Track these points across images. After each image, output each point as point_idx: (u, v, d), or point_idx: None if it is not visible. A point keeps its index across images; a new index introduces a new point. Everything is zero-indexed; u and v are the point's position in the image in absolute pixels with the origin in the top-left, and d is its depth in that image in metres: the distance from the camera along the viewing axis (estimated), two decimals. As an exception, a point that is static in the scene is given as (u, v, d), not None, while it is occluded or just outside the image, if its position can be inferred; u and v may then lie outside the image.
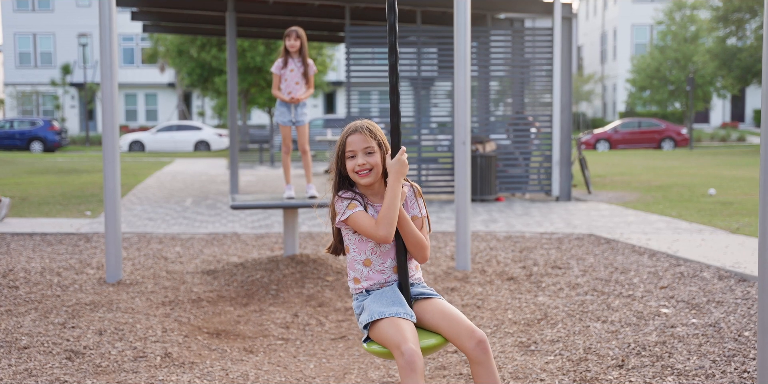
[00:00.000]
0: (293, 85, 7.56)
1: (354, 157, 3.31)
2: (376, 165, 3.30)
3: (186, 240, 9.17)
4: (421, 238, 3.33)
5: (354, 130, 3.33)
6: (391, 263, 3.35)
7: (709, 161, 24.70)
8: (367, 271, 3.35)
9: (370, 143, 3.30)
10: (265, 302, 6.20)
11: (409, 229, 3.31)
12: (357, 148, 3.29)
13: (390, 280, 3.35)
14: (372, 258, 3.34)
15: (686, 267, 7.26)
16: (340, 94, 50.61)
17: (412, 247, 3.32)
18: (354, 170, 3.31)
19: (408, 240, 3.31)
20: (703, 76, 40.13)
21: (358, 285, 3.38)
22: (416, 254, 3.35)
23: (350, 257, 3.39)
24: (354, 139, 3.31)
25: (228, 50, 14.30)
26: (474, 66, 14.27)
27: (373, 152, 3.30)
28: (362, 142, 3.30)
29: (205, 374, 4.45)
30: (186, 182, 18.44)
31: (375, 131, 3.33)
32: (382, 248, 3.34)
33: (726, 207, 12.15)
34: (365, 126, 3.34)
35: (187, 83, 35.81)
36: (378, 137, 3.33)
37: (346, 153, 3.32)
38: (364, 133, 3.31)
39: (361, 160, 3.28)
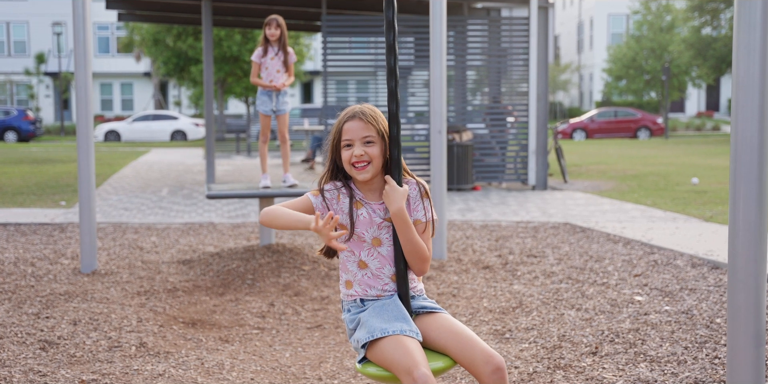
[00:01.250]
0: (274, 73, 7.54)
1: (350, 146, 2.91)
2: (376, 157, 2.90)
3: (162, 230, 9.14)
4: (422, 247, 2.90)
5: (352, 115, 2.93)
6: (390, 270, 2.95)
7: (684, 150, 24.88)
8: (361, 275, 2.96)
9: (370, 132, 2.91)
10: (241, 292, 6.20)
11: (409, 236, 2.88)
12: (354, 136, 2.90)
13: (387, 290, 2.95)
14: (368, 260, 2.95)
15: (660, 255, 7.32)
16: (317, 84, 50.48)
17: (411, 256, 2.91)
18: (350, 162, 2.91)
19: (406, 248, 2.90)
20: (679, 66, 40.37)
21: (351, 290, 2.98)
22: (414, 265, 2.93)
23: (343, 257, 3.00)
24: (351, 127, 2.91)
25: (204, 39, 14.22)
26: (451, 55, 14.28)
27: (373, 142, 2.90)
28: (361, 130, 2.91)
29: (181, 364, 4.45)
30: (162, 172, 18.35)
31: (376, 118, 2.94)
32: (381, 251, 2.95)
33: (700, 195, 12.25)
34: (365, 111, 2.94)
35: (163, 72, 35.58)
36: (379, 125, 2.93)
37: (342, 141, 2.93)
38: (364, 120, 2.91)
39: (359, 151, 2.89)
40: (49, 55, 49.96)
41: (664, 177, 15.60)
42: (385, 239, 2.95)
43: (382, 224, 2.95)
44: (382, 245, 2.95)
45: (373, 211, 2.95)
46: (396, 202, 2.86)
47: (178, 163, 21.43)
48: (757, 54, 2.86)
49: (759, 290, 2.92)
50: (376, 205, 2.96)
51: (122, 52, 50.21)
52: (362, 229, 2.95)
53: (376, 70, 14.83)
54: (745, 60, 2.88)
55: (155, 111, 40.71)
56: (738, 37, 2.88)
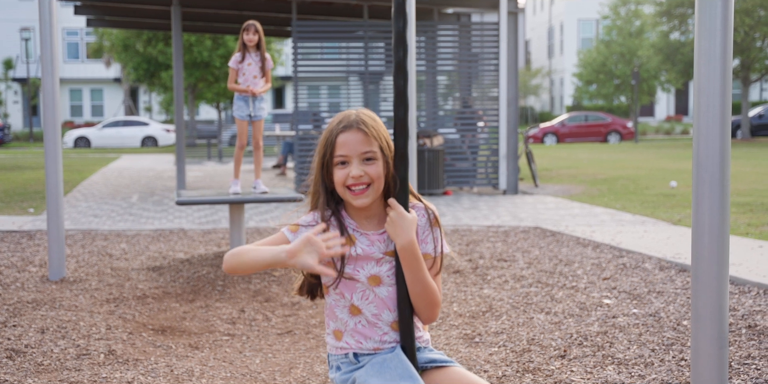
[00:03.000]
0: (251, 79, 7.54)
1: (346, 164, 2.34)
2: (377, 178, 2.33)
3: (131, 236, 9.08)
4: (434, 289, 2.37)
5: (348, 125, 2.34)
6: (390, 316, 2.40)
7: (654, 154, 25.09)
8: (354, 323, 2.41)
9: (371, 147, 2.34)
10: (212, 298, 6.17)
11: (419, 275, 2.34)
12: (351, 152, 2.32)
13: (387, 341, 2.40)
14: (362, 304, 2.40)
15: (629, 258, 7.38)
16: (288, 89, 50.40)
17: (419, 300, 2.36)
18: (345, 184, 2.34)
19: (414, 290, 2.35)
20: (648, 70, 40.74)
21: (340, 342, 2.43)
22: (422, 311, 2.39)
23: (330, 301, 2.46)
24: (348, 140, 2.33)
25: (174, 45, 14.16)
26: (421, 60, 14.33)
27: (374, 159, 2.34)
28: (360, 145, 2.33)
29: (150, 371, 4.42)
30: (132, 178, 18.23)
31: (377, 128, 2.36)
32: (379, 292, 2.40)
33: (669, 199, 12.37)
34: (365, 121, 2.36)
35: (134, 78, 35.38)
36: (382, 137, 2.37)
37: (335, 158, 2.34)
38: (363, 132, 2.33)
39: (357, 171, 2.32)
40: (17, 60, 49.50)
41: (633, 181, 15.73)
42: (386, 278, 2.38)
43: (382, 260, 2.39)
44: (382, 285, 2.39)
45: (371, 244, 2.39)
46: (405, 233, 2.31)
47: (149, 170, 21.30)
48: (717, 60, 2.90)
49: (721, 293, 2.96)
50: (376, 236, 2.40)
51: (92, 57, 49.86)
52: (357, 266, 2.38)
53: (348, 75, 14.84)
54: (706, 65, 2.92)
55: (125, 117, 40.45)
56: (699, 43, 2.92)
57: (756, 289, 5.97)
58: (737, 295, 5.83)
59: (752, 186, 13.99)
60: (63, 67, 48.75)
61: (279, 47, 34.85)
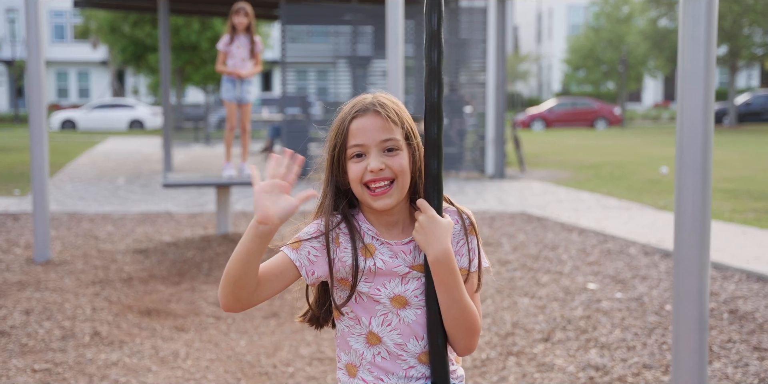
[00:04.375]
0: (240, 62, 7.52)
1: (362, 156, 1.91)
2: (401, 172, 1.91)
3: (118, 219, 9.07)
4: (473, 312, 1.91)
5: (363, 108, 1.93)
6: (418, 346, 1.94)
7: (641, 140, 25.16)
8: (371, 355, 1.95)
9: (393, 134, 1.91)
10: (197, 280, 6.18)
11: (456, 294, 1.88)
12: (369, 141, 1.90)
13: (414, 377, 1.94)
14: (382, 332, 1.93)
15: (613, 243, 7.42)
16: (276, 73, 50.22)
17: (455, 325, 1.91)
18: (362, 181, 1.91)
19: (450, 313, 1.90)
20: (636, 57, 40.77)
21: (354, 379, 1.97)
22: (458, 339, 1.93)
23: (342, 328, 1.99)
24: (364, 126, 1.91)
25: (160, 27, 14.08)
26: (410, 45, 14.30)
27: (397, 149, 1.91)
28: (379, 132, 1.91)
29: (135, 352, 4.44)
30: (119, 161, 18.17)
31: (399, 111, 1.95)
32: (405, 316, 1.93)
33: (654, 185, 12.42)
34: (384, 103, 1.94)
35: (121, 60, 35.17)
36: (406, 122, 1.95)
37: (349, 149, 1.92)
38: (382, 116, 1.91)
39: (377, 164, 1.89)
40: (2, 41, 49.12)
41: (620, 167, 15.79)
42: (414, 298, 1.92)
43: (408, 276, 1.92)
44: (408, 307, 1.92)
45: (394, 255, 1.93)
46: (439, 241, 1.86)
47: (135, 153, 21.23)
48: (702, 46, 2.91)
49: (702, 277, 2.99)
50: (400, 246, 1.94)
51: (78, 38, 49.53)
52: (377, 283, 1.92)
53: (336, 59, 14.81)
54: (690, 52, 2.93)
55: (112, 100, 40.25)
56: (684, 29, 2.93)
57: (738, 275, 6.02)
58: (720, 280, 5.89)
59: (738, 173, 14.06)
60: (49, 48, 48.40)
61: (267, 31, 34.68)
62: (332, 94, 15.49)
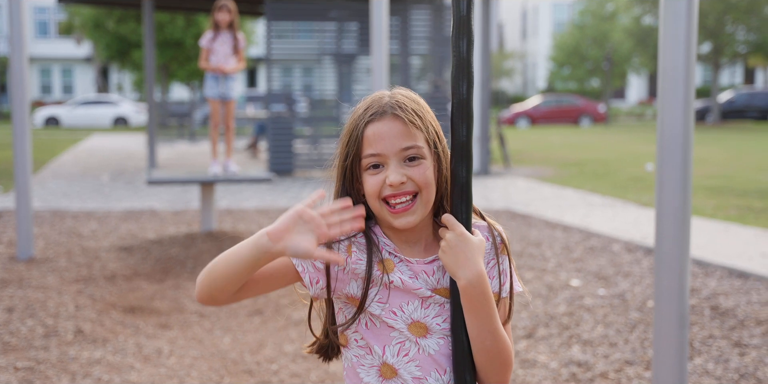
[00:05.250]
0: (223, 58, 7.51)
1: (379, 168, 1.65)
2: (426, 185, 1.65)
3: (101, 216, 9.04)
4: (506, 343, 1.67)
5: (380, 111, 1.66)
6: (440, 381, 1.68)
7: (625, 138, 25.26)
8: None
9: (415, 140, 1.65)
10: (181, 278, 6.17)
11: (489, 324, 1.63)
12: (386, 149, 1.64)
13: None
14: (398, 363, 1.68)
15: (597, 240, 7.46)
16: (262, 70, 50.11)
17: (486, 358, 1.66)
18: (380, 196, 1.65)
19: (480, 344, 1.65)
20: (620, 54, 40.93)
21: None
22: (489, 374, 1.68)
23: (350, 357, 1.73)
24: (380, 132, 1.65)
25: (145, 23, 14.04)
26: (395, 42, 14.30)
27: (421, 158, 1.65)
28: (398, 138, 1.64)
29: (119, 350, 4.43)
30: (103, 158, 18.10)
31: (422, 113, 1.68)
32: (426, 346, 1.67)
33: (638, 182, 12.48)
34: (404, 103, 1.67)
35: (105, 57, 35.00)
36: (430, 126, 1.68)
37: (363, 159, 1.66)
38: (403, 119, 1.64)
39: (396, 176, 1.63)
40: (-15, 38, 48.77)
41: (604, 164, 15.85)
42: (436, 325, 1.67)
43: (430, 300, 1.67)
44: (430, 336, 1.67)
45: (414, 276, 1.67)
46: (471, 263, 1.60)
47: (120, 150, 21.16)
48: (682, 44, 2.93)
49: (683, 273, 3.01)
50: (422, 265, 1.69)
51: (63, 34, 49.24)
52: (393, 305, 1.66)
53: (321, 56, 14.80)
54: (671, 50, 2.95)
55: (97, 96, 40.08)
56: (664, 27, 2.95)
57: (720, 271, 6.06)
58: (702, 276, 5.92)
59: (721, 170, 14.15)
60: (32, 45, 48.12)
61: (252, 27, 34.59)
62: (317, 91, 15.47)
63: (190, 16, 30.02)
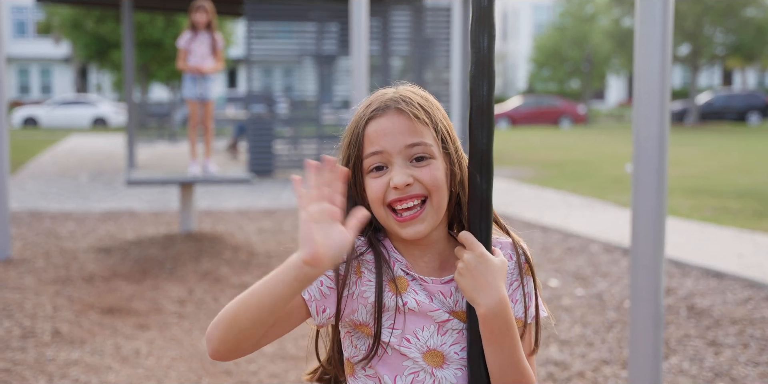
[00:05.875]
0: (200, 59, 7.51)
1: (383, 170, 1.48)
2: (436, 188, 1.47)
3: (80, 217, 8.99)
4: (530, 376, 1.50)
5: (382, 106, 1.50)
6: None
7: (605, 139, 25.39)
8: None
9: (421, 136, 1.48)
10: (160, 279, 6.16)
11: (511, 354, 1.47)
12: (390, 146, 1.47)
13: None
14: None
15: (576, 241, 7.50)
16: (242, 71, 49.98)
17: None
18: (385, 202, 1.48)
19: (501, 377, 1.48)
20: (600, 56, 41.15)
21: None
22: None
23: None
24: (383, 128, 1.48)
25: (124, 23, 13.98)
26: (375, 43, 14.32)
27: (430, 158, 1.49)
28: (403, 134, 1.48)
29: (97, 351, 4.41)
30: (82, 159, 18.00)
31: (429, 108, 1.51)
32: (442, 377, 1.49)
33: (618, 183, 12.56)
34: (409, 97, 1.51)
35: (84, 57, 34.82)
36: (438, 122, 1.51)
37: (366, 160, 1.49)
38: (407, 114, 1.48)
39: (401, 178, 1.45)
40: (-37, 37, 48.38)
41: (584, 165, 15.93)
42: (453, 355, 1.50)
43: (448, 324, 1.49)
44: (446, 366, 1.50)
45: (429, 297, 1.49)
46: (491, 288, 1.44)
47: (99, 150, 21.05)
48: (658, 46, 2.96)
49: (657, 274, 3.04)
50: (438, 285, 1.51)
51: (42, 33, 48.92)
52: (407, 331, 1.48)
53: (302, 57, 14.79)
54: (646, 51, 2.98)
55: (76, 97, 39.86)
56: (640, 29, 2.98)
57: (696, 271, 6.11)
58: (679, 276, 5.97)
59: (698, 171, 14.25)
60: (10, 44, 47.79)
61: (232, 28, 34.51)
62: (298, 92, 15.47)
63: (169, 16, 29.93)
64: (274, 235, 7.82)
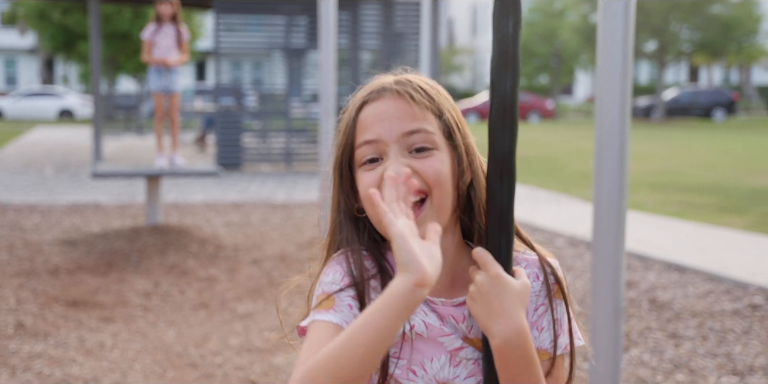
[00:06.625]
0: (165, 51, 7.47)
1: (378, 161, 1.29)
2: (438, 183, 1.27)
3: (45, 209, 8.92)
4: None
5: (378, 89, 1.32)
6: None
7: (573, 134, 25.57)
8: None
9: (422, 122, 1.28)
10: (126, 271, 6.13)
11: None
12: (385, 133, 1.28)
13: None
14: None
15: (541, 235, 7.56)
16: (211, 63, 49.68)
17: None
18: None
19: None
20: (568, 51, 41.40)
21: None
22: None
23: None
24: (377, 112, 1.30)
25: (91, 15, 13.85)
26: (344, 37, 14.31)
27: (431, 148, 1.28)
28: (401, 120, 1.28)
29: (60, 344, 4.40)
30: (47, 151, 17.83)
31: (434, 93, 1.32)
32: None
33: (584, 178, 12.66)
34: (408, 79, 1.33)
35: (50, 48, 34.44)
36: (444, 110, 1.31)
37: (357, 150, 1.30)
38: (404, 97, 1.29)
39: (397, 168, 1.25)
40: (-74, 27, 47.66)
41: (551, 160, 16.04)
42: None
43: (461, 353, 1.28)
44: None
45: (439, 319, 1.28)
46: (507, 315, 1.23)
47: (65, 143, 20.86)
48: (619, 41, 3.00)
49: (618, 267, 3.08)
50: (449, 307, 1.29)
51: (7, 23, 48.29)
52: (414, 361, 1.27)
53: (271, 50, 14.76)
54: (608, 47, 3.02)
55: (41, 88, 39.42)
56: (602, 24, 3.01)
57: (659, 265, 6.20)
58: (642, 270, 6.05)
59: (664, 166, 14.41)
60: (-25, 35, 47.18)
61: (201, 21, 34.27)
62: (267, 85, 15.42)
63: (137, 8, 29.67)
64: (242, 228, 7.81)
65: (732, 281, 5.57)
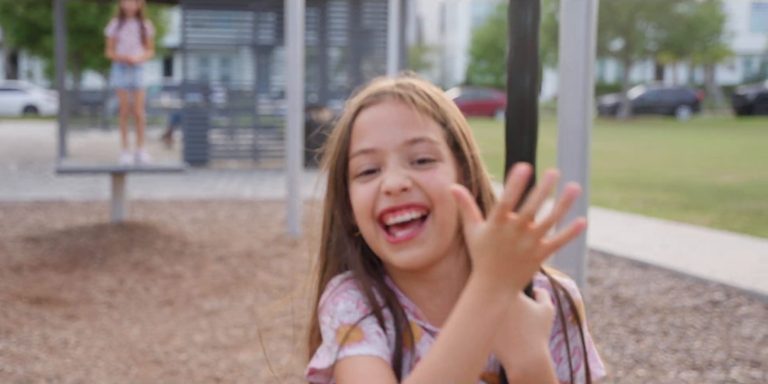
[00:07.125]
0: (129, 48, 7.43)
1: (375, 173, 1.17)
2: (441, 198, 1.17)
3: (8, 206, 8.83)
4: None
5: (380, 91, 1.21)
6: None
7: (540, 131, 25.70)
8: None
9: (424, 131, 1.18)
10: (90, 268, 6.09)
11: None
12: (383, 142, 1.17)
13: None
14: None
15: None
16: (178, 59, 49.37)
17: None
18: (374, 214, 1.16)
19: None
20: (536, 50, 41.67)
21: None
22: None
23: None
24: (375, 118, 1.19)
25: (56, 9, 13.71)
26: (312, 34, 14.30)
27: (434, 159, 1.20)
28: (401, 127, 1.17)
29: (23, 341, 4.36)
30: (11, 147, 17.63)
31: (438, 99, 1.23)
32: None
33: (549, 175, 12.76)
34: (411, 84, 1.22)
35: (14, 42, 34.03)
36: (450, 119, 1.24)
37: (352, 160, 1.19)
38: (404, 102, 1.18)
39: (395, 179, 1.14)
40: None
41: (517, 157, 16.13)
42: None
43: None
44: None
45: None
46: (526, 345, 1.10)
47: (29, 138, 20.64)
48: (581, 40, 3.04)
49: (580, 264, 3.12)
50: None
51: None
52: None
53: (239, 47, 14.70)
54: (570, 46, 3.06)
55: (5, 83, 38.95)
56: (564, 23, 3.05)
57: (622, 262, 6.27)
58: (605, 267, 6.12)
59: (629, 164, 14.55)
60: (-62, 29, 46.45)
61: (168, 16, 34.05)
62: (235, 82, 15.37)
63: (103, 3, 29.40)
64: (208, 225, 7.78)
65: (693, 278, 5.65)
